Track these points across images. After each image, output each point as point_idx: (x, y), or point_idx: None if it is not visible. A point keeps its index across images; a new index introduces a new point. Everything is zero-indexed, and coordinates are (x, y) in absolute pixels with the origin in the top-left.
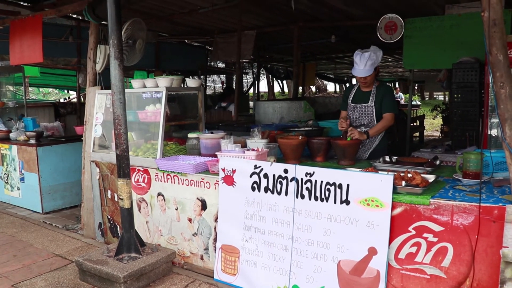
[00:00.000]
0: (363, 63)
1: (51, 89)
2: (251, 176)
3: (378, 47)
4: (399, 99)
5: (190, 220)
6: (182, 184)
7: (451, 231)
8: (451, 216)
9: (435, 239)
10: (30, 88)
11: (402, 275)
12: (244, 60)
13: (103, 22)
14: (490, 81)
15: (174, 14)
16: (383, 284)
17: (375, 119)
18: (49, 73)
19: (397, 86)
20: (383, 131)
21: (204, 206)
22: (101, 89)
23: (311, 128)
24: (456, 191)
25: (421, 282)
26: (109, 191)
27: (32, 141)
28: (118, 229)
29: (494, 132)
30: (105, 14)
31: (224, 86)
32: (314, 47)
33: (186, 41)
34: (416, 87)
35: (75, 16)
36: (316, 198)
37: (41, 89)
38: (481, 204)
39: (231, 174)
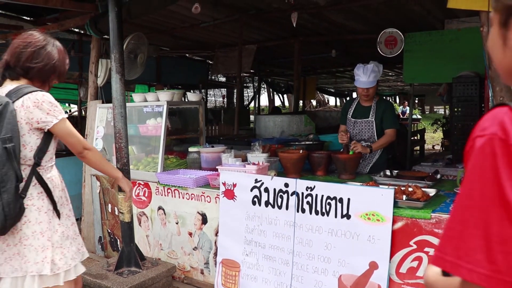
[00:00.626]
0: (367, 75)
1: None
2: (251, 190)
3: (377, 62)
4: (407, 112)
5: (190, 234)
6: (183, 198)
7: None
8: None
9: None
10: None
11: None
12: (245, 74)
13: (105, 36)
14: (490, 95)
15: (175, 28)
16: None
17: (375, 134)
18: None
19: (401, 100)
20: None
21: (204, 220)
22: (102, 102)
23: (311, 142)
24: None
25: None
26: (109, 205)
27: None
28: (118, 243)
29: None
30: (107, 28)
31: (225, 100)
32: (315, 61)
33: (187, 55)
34: (416, 101)
35: (77, 30)
36: (317, 212)
37: None
38: None
39: (232, 188)
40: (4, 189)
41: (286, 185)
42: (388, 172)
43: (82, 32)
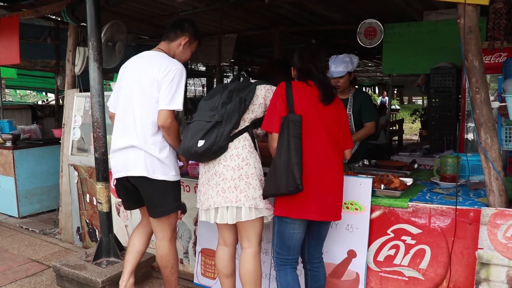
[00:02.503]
0: (336, 65)
1: (28, 91)
2: None
3: (354, 55)
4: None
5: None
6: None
7: (429, 234)
8: (428, 218)
9: (413, 242)
10: (6, 90)
11: (381, 278)
12: (225, 64)
13: (82, 23)
14: (466, 86)
15: (154, 16)
16: (363, 286)
17: (353, 126)
18: (27, 75)
19: (380, 90)
20: None
21: (184, 209)
22: (80, 91)
23: None
24: (434, 194)
25: (400, 284)
26: (87, 195)
27: (8, 144)
28: (97, 233)
29: (470, 136)
30: (84, 15)
31: (205, 89)
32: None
33: None
34: (395, 92)
35: (53, 17)
36: None
37: (18, 91)
38: (458, 207)
39: None
40: (225, 125)
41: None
42: (366, 162)
43: (58, 19)
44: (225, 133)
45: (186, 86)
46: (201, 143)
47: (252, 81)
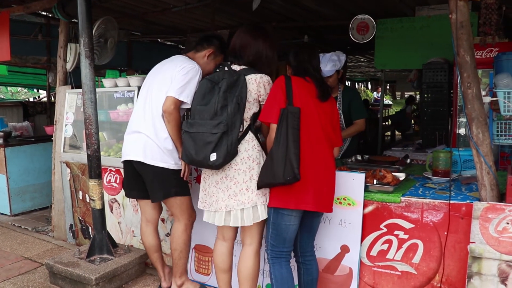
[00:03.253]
0: (324, 64)
1: (20, 88)
2: None
3: (342, 52)
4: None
5: (163, 220)
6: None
7: (421, 228)
8: (421, 213)
9: (406, 236)
10: None
11: (374, 272)
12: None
13: (74, 20)
14: (458, 81)
15: (146, 12)
16: (356, 281)
17: (344, 124)
18: (18, 72)
19: (373, 86)
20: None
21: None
22: (72, 88)
23: None
24: (426, 189)
25: (393, 278)
26: (80, 192)
27: (0, 141)
28: (90, 230)
29: (462, 131)
30: (75, 11)
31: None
32: (287, 47)
33: (159, 40)
34: (388, 87)
35: (44, 13)
36: None
37: (9, 88)
38: (450, 202)
39: None
40: (231, 133)
41: None
42: (359, 157)
43: (49, 15)
44: (234, 141)
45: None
46: (213, 156)
47: (237, 68)
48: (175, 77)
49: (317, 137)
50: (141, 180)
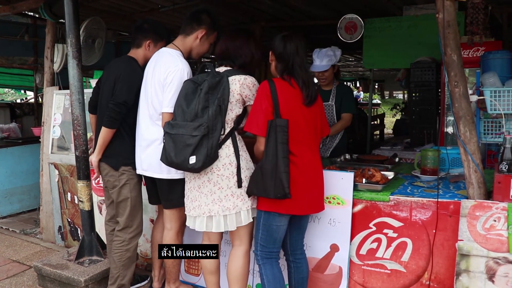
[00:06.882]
0: (320, 59)
1: (6, 89)
2: None
3: (336, 48)
4: (360, 97)
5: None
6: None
7: (410, 227)
8: (410, 212)
9: (395, 235)
10: None
11: (364, 271)
12: (206, 60)
13: (61, 20)
14: (446, 80)
15: (134, 13)
16: (345, 280)
17: (335, 117)
18: (4, 73)
19: (357, 85)
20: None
21: None
22: (59, 89)
23: None
24: (415, 187)
25: (382, 277)
26: (68, 194)
27: None
28: (79, 232)
29: (450, 129)
30: (62, 12)
31: None
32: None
33: None
34: (376, 86)
35: (31, 13)
36: None
37: None
38: (438, 200)
39: None
40: (212, 136)
41: None
42: (348, 156)
43: (36, 15)
44: (214, 144)
45: None
46: (193, 159)
47: (221, 70)
48: (164, 87)
49: (306, 143)
50: (155, 187)
